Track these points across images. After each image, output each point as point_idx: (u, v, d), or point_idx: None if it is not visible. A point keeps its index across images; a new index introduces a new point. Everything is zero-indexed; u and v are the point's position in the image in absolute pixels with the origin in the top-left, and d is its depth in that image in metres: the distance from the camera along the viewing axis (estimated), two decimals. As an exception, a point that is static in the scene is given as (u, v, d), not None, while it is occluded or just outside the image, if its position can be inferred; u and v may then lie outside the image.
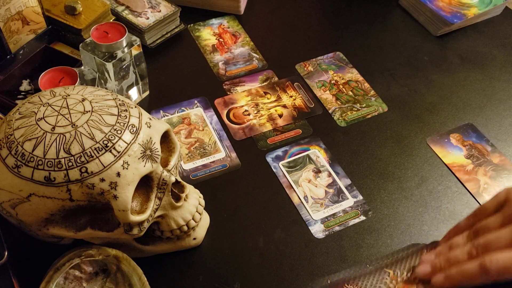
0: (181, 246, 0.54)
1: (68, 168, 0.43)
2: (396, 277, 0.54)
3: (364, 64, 0.79)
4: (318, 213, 0.60)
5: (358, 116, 0.71)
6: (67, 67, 0.59)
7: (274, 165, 0.65)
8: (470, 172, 0.65)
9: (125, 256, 0.49)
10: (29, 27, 0.70)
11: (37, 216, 0.45)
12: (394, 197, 0.62)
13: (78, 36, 0.71)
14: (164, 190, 0.49)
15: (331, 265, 0.55)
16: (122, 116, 0.46)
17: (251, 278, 0.54)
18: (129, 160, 0.45)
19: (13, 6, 0.66)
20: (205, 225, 0.57)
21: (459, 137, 0.69)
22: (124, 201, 0.44)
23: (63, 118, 0.45)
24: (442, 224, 0.60)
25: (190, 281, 0.54)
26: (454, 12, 0.83)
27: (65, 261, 0.48)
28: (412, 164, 0.66)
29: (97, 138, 0.44)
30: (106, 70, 0.61)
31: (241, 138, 0.68)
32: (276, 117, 0.70)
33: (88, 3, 0.74)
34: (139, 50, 0.65)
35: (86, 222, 0.47)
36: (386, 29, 0.86)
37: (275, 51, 0.80)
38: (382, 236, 0.58)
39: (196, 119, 0.69)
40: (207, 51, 0.79)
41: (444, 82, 0.77)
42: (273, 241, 0.57)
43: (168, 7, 0.79)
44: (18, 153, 0.43)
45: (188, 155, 0.65)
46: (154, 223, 0.51)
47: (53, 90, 0.48)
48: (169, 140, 0.53)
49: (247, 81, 0.75)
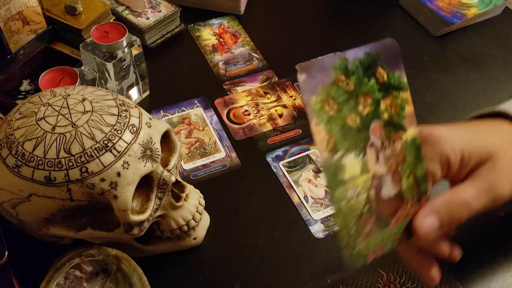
0: (181, 246, 0.54)
1: (69, 168, 0.43)
2: (389, 282, 0.54)
3: (364, 64, 0.79)
4: (318, 213, 0.60)
5: (358, 116, 0.71)
6: (67, 67, 0.59)
7: (274, 165, 0.65)
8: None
9: (125, 256, 0.49)
10: (29, 27, 0.70)
11: (37, 216, 0.45)
12: (394, 197, 0.62)
13: (78, 36, 0.71)
14: (164, 190, 0.49)
15: (331, 265, 0.55)
16: (122, 116, 0.46)
17: (251, 278, 0.54)
18: (129, 160, 0.45)
19: (13, 6, 0.66)
20: (205, 225, 0.57)
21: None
22: (124, 201, 0.45)
23: (63, 118, 0.45)
24: (442, 224, 0.60)
25: (190, 281, 0.54)
26: (454, 12, 0.83)
27: (65, 261, 0.48)
28: (412, 164, 0.66)
29: (97, 138, 0.44)
30: (106, 70, 0.61)
31: (241, 138, 0.68)
32: (276, 117, 0.71)
33: (88, 3, 0.74)
34: (139, 50, 0.65)
35: (86, 222, 0.47)
36: (386, 29, 0.86)
37: (275, 51, 0.80)
38: (382, 236, 0.58)
39: (196, 119, 0.69)
40: (207, 51, 0.79)
41: (444, 82, 0.77)
42: (273, 241, 0.57)
43: (168, 7, 0.79)
44: (18, 153, 0.43)
45: (188, 155, 0.65)
46: (154, 223, 0.51)
47: (53, 90, 0.48)
48: (169, 140, 0.53)
49: (247, 81, 0.75)
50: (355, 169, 0.34)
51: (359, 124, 0.34)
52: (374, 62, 0.34)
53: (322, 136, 0.32)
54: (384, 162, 0.35)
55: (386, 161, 0.35)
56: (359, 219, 0.34)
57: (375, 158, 0.35)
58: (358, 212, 0.34)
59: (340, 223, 0.34)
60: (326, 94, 0.32)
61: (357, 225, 0.34)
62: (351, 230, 0.34)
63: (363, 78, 0.34)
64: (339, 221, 0.34)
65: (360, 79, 0.33)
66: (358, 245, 0.35)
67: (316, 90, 0.32)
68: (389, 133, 0.35)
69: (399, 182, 0.36)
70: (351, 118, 0.33)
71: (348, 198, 0.33)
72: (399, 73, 0.35)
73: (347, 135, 0.33)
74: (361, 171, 0.34)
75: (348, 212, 0.34)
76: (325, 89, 0.32)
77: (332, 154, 0.32)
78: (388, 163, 0.35)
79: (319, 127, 0.32)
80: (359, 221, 0.34)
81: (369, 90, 0.34)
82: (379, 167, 0.35)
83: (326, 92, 0.32)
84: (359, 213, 0.34)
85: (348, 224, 0.34)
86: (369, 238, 0.35)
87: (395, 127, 0.36)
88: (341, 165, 0.33)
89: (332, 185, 0.33)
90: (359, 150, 0.34)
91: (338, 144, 0.33)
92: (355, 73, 0.33)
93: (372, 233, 0.35)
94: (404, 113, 0.37)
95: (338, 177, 0.33)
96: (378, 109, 0.35)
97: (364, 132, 0.34)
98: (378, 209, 0.35)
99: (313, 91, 0.32)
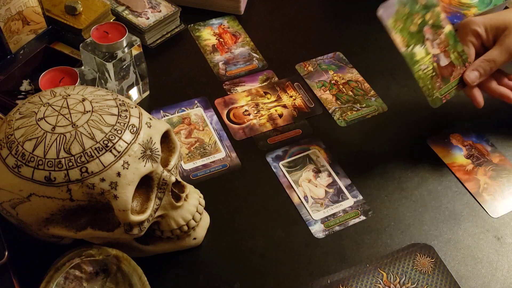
0: (181, 246, 0.55)
1: (69, 168, 0.43)
2: (389, 282, 0.54)
3: (364, 64, 0.79)
4: (318, 213, 0.60)
5: (358, 116, 0.71)
6: (67, 67, 0.59)
7: (274, 165, 0.65)
8: (470, 172, 0.65)
9: (125, 256, 0.49)
10: (29, 27, 0.70)
11: (37, 216, 0.45)
12: (394, 197, 0.62)
13: (78, 36, 0.71)
14: (164, 190, 0.49)
15: (331, 265, 0.55)
16: (122, 116, 0.46)
17: (251, 278, 0.54)
18: (129, 160, 0.45)
19: (14, 6, 0.66)
20: (205, 225, 0.57)
21: (459, 137, 0.69)
22: (124, 201, 0.45)
23: (63, 118, 0.45)
24: (442, 224, 0.60)
25: (190, 281, 0.54)
26: (454, 12, 0.83)
27: (65, 261, 0.48)
28: (412, 164, 0.66)
29: (97, 138, 0.44)
30: (106, 70, 0.61)
31: (241, 138, 0.68)
32: (276, 117, 0.71)
33: (88, 3, 0.74)
34: (139, 50, 0.65)
35: (86, 222, 0.47)
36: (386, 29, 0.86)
37: (275, 51, 0.80)
38: (382, 236, 0.58)
39: (196, 119, 0.69)
40: (207, 51, 0.79)
41: (444, 82, 0.77)
42: (273, 241, 0.57)
43: (168, 7, 0.79)
44: (18, 153, 0.43)
45: (188, 155, 0.65)
46: (154, 223, 0.51)
47: (54, 90, 0.48)
48: (169, 140, 0.53)
49: (247, 81, 0.75)
50: (422, 54, 0.61)
51: (418, 29, 0.61)
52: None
53: (399, 39, 0.59)
54: (437, 47, 0.62)
55: (438, 46, 0.62)
56: (431, 79, 0.62)
57: (431, 45, 0.62)
58: (430, 75, 0.61)
59: (422, 83, 0.61)
60: (395, 17, 0.59)
61: (432, 83, 0.62)
62: (429, 86, 0.61)
63: (412, 4, 0.60)
64: (421, 83, 0.61)
65: (411, 5, 0.60)
66: (435, 94, 0.62)
67: (390, 16, 0.59)
68: (436, 30, 0.63)
69: (448, 56, 0.63)
70: (412, 27, 0.60)
71: (422, 70, 0.61)
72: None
73: (412, 36, 0.60)
74: (425, 54, 0.61)
75: (424, 76, 0.61)
76: (394, 14, 0.59)
77: (407, 48, 0.60)
78: (440, 47, 0.63)
79: (396, 35, 0.59)
80: (432, 81, 0.62)
81: (417, 10, 0.61)
82: (435, 50, 0.62)
83: (395, 16, 0.59)
84: (430, 76, 0.61)
85: (426, 83, 0.61)
86: (440, 90, 0.62)
87: (437, 27, 0.63)
88: (413, 53, 0.60)
89: (411, 64, 0.60)
90: (421, 43, 0.61)
91: (409, 42, 0.60)
92: (408, 3, 0.60)
93: (441, 86, 0.62)
94: (440, 18, 0.63)
95: (414, 59, 0.60)
96: (425, 18, 0.62)
97: (421, 33, 0.61)
98: (441, 72, 0.62)
99: (388, 17, 0.58)
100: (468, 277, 0.55)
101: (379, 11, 0.58)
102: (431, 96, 0.62)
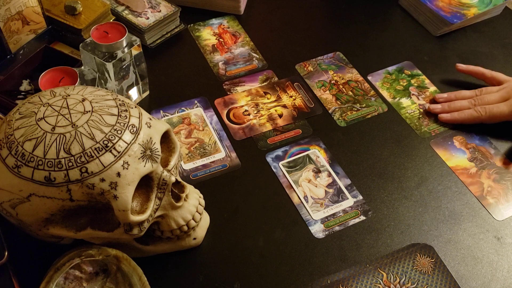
0: (181, 246, 0.55)
1: (68, 168, 0.43)
2: (389, 282, 0.54)
3: (364, 64, 0.79)
4: (318, 213, 0.60)
5: (358, 116, 0.71)
6: (67, 67, 0.59)
7: (274, 165, 0.65)
8: (474, 175, 0.65)
9: (125, 256, 0.49)
10: (29, 27, 0.70)
11: (37, 216, 0.45)
12: (394, 197, 0.62)
13: (78, 36, 0.71)
14: (164, 190, 0.49)
15: (331, 265, 0.55)
16: (122, 116, 0.46)
17: (251, 278, 0.54)
18: (129, 160, 0.45)
19: (13, 6, 0.66)
20: (205, 225, 0.57)
21: (462, 140, 0.69)
22: (124, 201, 0.45)
23: (63, 118, 0.45)
24: (442, 224, 0.60)
25: (190, 281, 0.54)
26: (454, 12, 0.83)
27: (65, 261, 0.48)
28: (412, 164, 0.66)
29: (97, 138, 0.44)
30: (106, 70, 0.61)
31: (241, 138, 0.68)
32: (276, 117, 0.71)
33: (88, 3, 0.74)
34: (139, 50, 0.65)
35: (86, 222, 0.47)
36: (386, 29, 0.86)
37: (275, 51, 0.80)
38: (382, 236, 0.58)
39: (196, 119, 0.69)
40: (207, 51, 0.79)
41: (444, 82, 0.77)
42: (273, 241, 0.57)
43: (168, 7, 0.79)
44: (18, 153, 0.43)
45: (188, 155, 0.65)
46: (154, 223, 0.51)
47: (53, 90, 0.48)
48: (169, 140, 0.53)
49: (247, 81, 0.75)
50: (408, 103, 0.73)
51: (403, 88, 0.75)
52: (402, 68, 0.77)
53: (386, 94, 0.73)
54: (422, 100, 0.73)
55: (424, 99, 0.73)
56: (418, 119, 0.71)
57: (417, 98, 0.73)
58: (417, 117, 0.71)
59: (409, 121, 0.70)
60: (383, 81, 0.75)
61: (419, 122, 0.70)
62: (416, 123, 0.70)
63: (398, 73, 0.76)
64: (408, 121, 0.70)
65: (397, 75, 0.76)
66: (423, 129, 0.70)
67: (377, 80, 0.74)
68: (420, 89, 0.75)
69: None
70: (398, 86, 0.74)
71: (409, 113, 0.71)
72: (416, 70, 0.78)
73: (398, 92, 0.74)
74: (411, 103, 0.73)
75: (411, 117, 0.71)
76: (381, 80, 0.75)
77: (393, 99, 0.73)
78: (425, 100, 0.73)
79: (383, 91, 0.74)
80: (419, 120, 0.71)
81: (403, 77, 0.76)
82: (420, 101, 0.73)
83: (383, 80, 0.75)
84: (417, 117, 0.71)
85: (414, 121, 0.70)
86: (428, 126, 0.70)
87: (422, 87, 0.75)
88: (400, 102, 0.73)
89: (398, 109, 0.72)
90: (406, 96, 0.74)
91: (395, 95, 0.73)
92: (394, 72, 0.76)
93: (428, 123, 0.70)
94: (425, 82, 0.76)
95: (400, 106, 0.72)
96: (410, 82, 0.75)
97: (407, 90, 0.74)
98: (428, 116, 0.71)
99: (377, 81, 0.74)
100: (468, 277, 0.55)
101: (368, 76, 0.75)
102: (419, 130, 0.70)
